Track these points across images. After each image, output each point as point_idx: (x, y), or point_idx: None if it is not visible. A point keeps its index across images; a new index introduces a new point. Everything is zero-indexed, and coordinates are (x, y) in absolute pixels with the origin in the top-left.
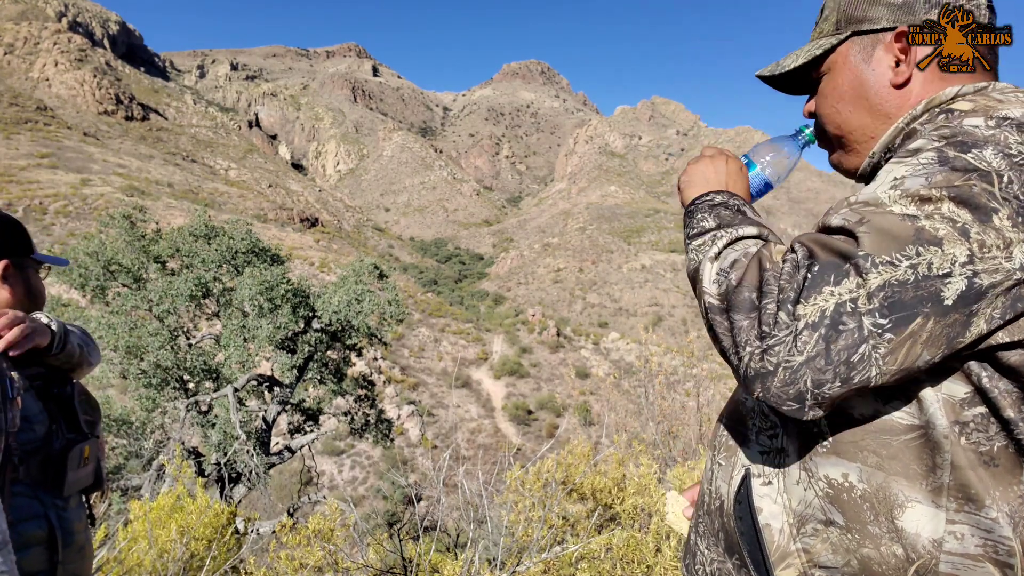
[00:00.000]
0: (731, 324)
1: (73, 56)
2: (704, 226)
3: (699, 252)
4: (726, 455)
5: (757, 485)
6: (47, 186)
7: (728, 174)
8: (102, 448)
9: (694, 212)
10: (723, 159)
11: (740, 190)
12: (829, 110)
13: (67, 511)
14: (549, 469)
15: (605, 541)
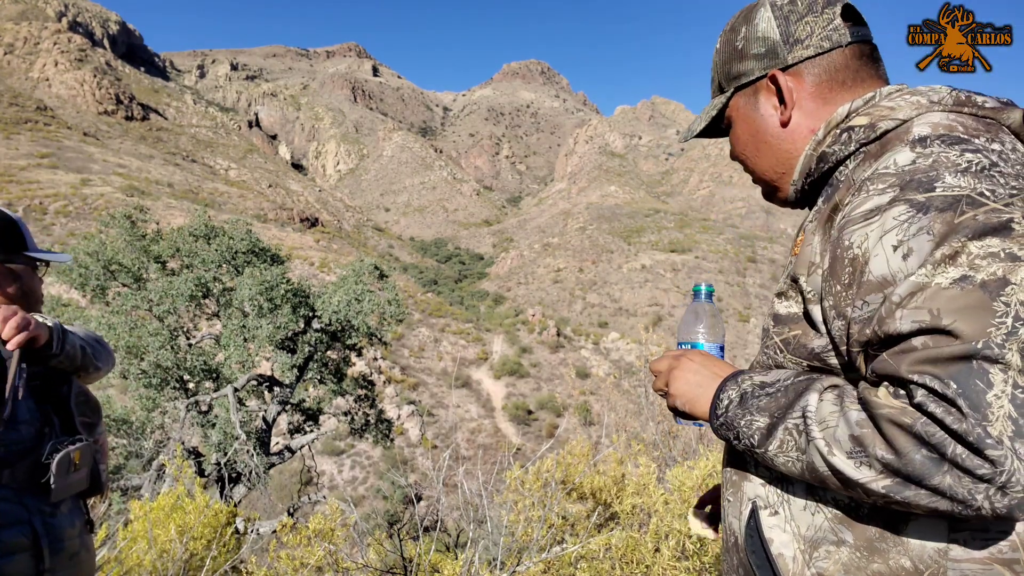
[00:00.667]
0: (935, 488)
1: (73, 56)
2: (760, 425)
3: (795, 452)
4: (733, 491)
5: (765, 516)
6: (47, 186)
7: (702, 365)
8: (104, 451)
9: (732, 422)
10: (682, 359)
11: (724, 367)
12: (741, 155)
13: (56, 517)
14: (549, 469)
15: (604, 541)
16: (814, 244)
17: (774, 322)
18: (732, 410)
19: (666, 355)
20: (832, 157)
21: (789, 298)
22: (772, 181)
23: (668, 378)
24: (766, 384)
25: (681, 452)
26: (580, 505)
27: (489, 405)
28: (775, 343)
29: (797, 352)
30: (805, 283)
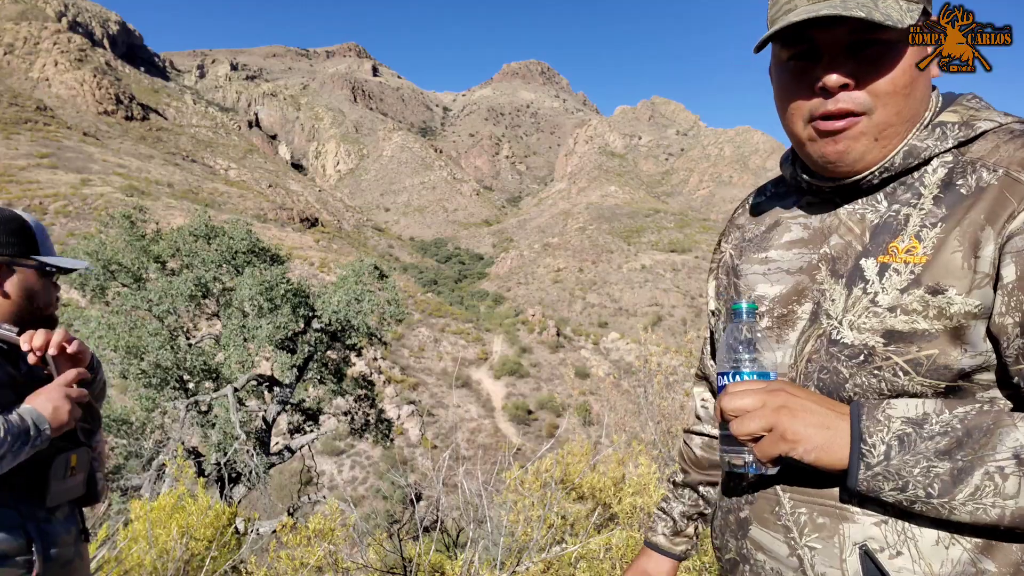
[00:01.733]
0: None
1: (73, 56)
2: (941, 472)
3: (992, 498)
4: (820, 536)
5: (886, 560)
6: (47, 186)
7: (813, 400)
8: (101, 457)
9: (898, 472)
10: (781, 394)
11: (834, 402)
12: (896, 86)
13: (51, 523)
14: (548, 469)
15: (604, 541)
16: (978, 251)
17: (887, 340)
18: (897, 457)
19: (746, 389)
20: (923, 152)
21: (915, 312)
22: (892, 135)
23: (773, 419)
24: (919, 421)
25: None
26: (580, 505)
27: (489, 405)
28: (896, 365)
29: (934, 374)
30: (960, 296)
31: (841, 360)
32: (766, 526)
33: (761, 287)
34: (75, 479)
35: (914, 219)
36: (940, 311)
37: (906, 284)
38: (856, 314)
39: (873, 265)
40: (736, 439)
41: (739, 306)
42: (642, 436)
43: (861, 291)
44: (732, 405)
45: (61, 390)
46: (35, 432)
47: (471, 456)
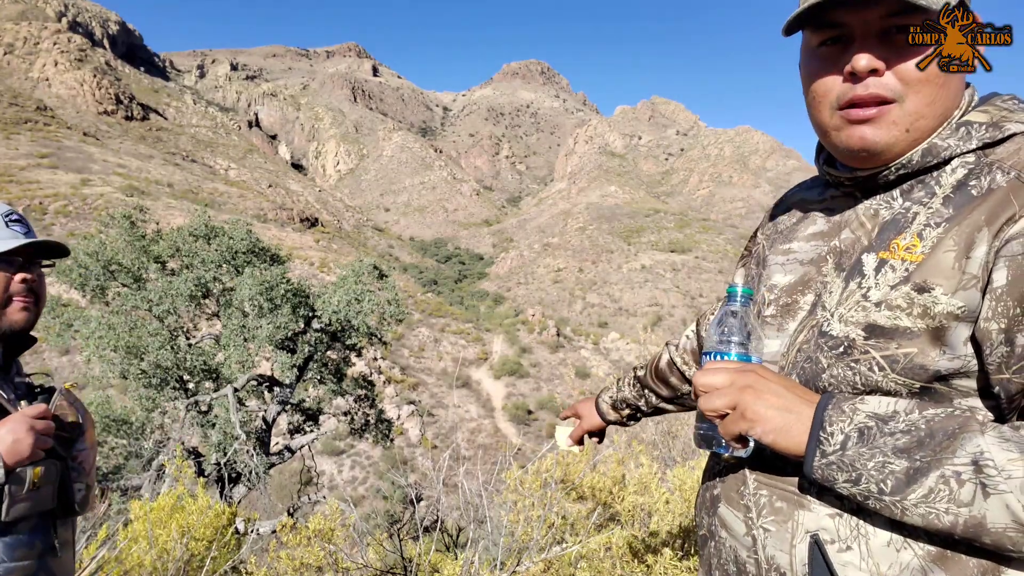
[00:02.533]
0: None
1: (73, 56)
2: (896, 470)
3: (946, 504)
4: (775, 519)
5: (834, 552)
6: (47, 186)
7: (782, 384)
8: (84, 468)
9: (853, 463)
10: (751, 374)
11: (804, 389)
12: (929, 73)
13: (10, 536)
14: (548, 468)
15: (605, 540)
16: (970, 253)
17: (868, 334)
18: (853, 448)
19: (720, 367)
20: (943, 152)
21: (899, 308)
22: (922, 128)
23: (738, 398)
24: (886, 417)
25: (681, 452)
26: (580, 505)
27: (489, 405)
28: (873, 359)
29: (909, 373)
30: (945, 296)
31: (824, 350)
32: (731, 504)
33: (776, 276)
34: (40, 493)
35: (920, 217)
36: (924, 310)
37: (897, 281)
38: (847, 307)
39: (872, 260)
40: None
41: (734, 289)
42: (642, 436)
43: (856, 285)
44: (702, 380)
45: (25, 421)
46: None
47: (471, 456)
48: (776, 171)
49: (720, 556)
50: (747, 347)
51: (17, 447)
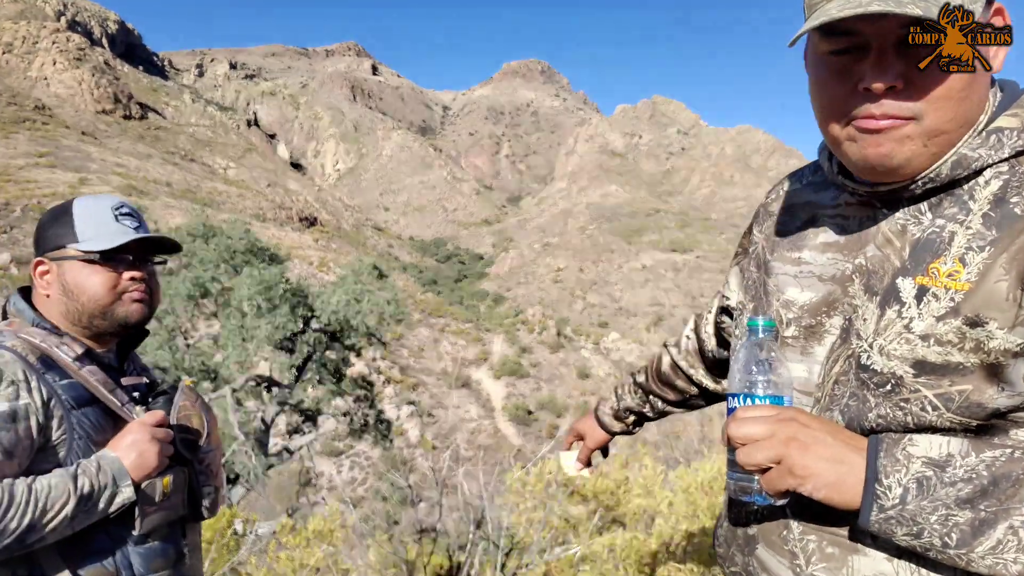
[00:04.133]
0: None
1: (71, 55)
2: (961, 522)
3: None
4: (827, 565)
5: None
6: (45, 185)
7: (827, 432)
8: (212, 471)
9: (914, 517)
10: (794, 424)
11: (850, 434)
12: (951, 90)
13: (144, 546)
14: (551, 470)
15: (608, 542)
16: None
17: (917, 371)
18: (913, 502)
19: (756, 416)
20: (974, 163)
21: (949, 344)
22: (942, 143)
23: (782, 451)
24: (942, 463)
25: (683, 453)
26: (583, 507)
27: (489, 405)
28: (925, 399)
29: (966, 412)
30: (1001, 331)
31: (869, 387)
32: (773, 548)
33: (791, 291)
34: (171, 502)
35: (959, 239)
36: (978, 345)
37: (944, 312)
38: (887, 339)
39: (911, 286)
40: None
41: (755, 323)
42: (645, 437)
43: (896, 314)
44: (740, 432)
45: (147, 431)
46: (110, 491)
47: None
48: (778, 170)
49: None
50: (779, 386)
51: (142, 461)
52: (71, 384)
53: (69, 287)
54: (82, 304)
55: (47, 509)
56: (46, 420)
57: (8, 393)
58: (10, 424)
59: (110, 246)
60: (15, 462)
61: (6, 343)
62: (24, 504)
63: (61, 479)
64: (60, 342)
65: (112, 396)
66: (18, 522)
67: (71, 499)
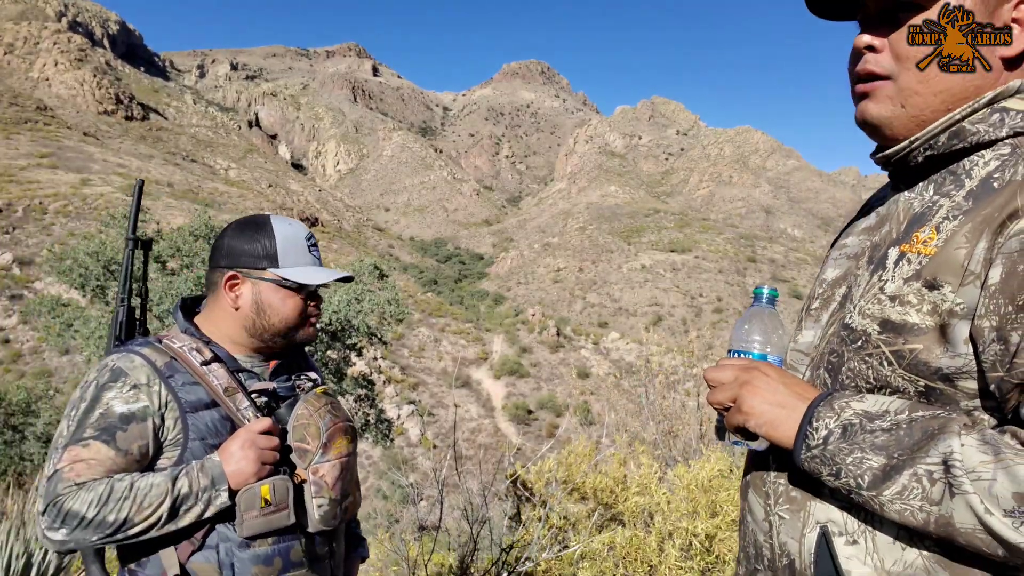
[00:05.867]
0: None
1: (73, 56)
2: (873, 466)
3: (919, 502)
4: (790, 507)
5: (840, 544)
6: (47, 186)
7: (781, 381)
8: (326, 482)
9: (833, 457)
10: (754, 371)
11: (805, 386)
12: (919, 51)
13: (250, 551)
14: (551, 468)
15: (608, 540)
16: (974, 249)
17: (881, 329)
18: (834, 443)
19: (728, 364)
20: (970, 137)
21: (909, 304)
22: (923, 110)
23: (737, 392)
24: (873, 415)
25: (681, 452)
26: (582, 505)
27: (489, 405)
28: (882, 353)
29: (914, 369)
30: (952, 294)
31: (846, 343)
32: (756, 491)
33: (828, 271)
34: (276, 510)
35: (942, 210)
36: (933, 307)
37: (910, 275)
38: (867, 300)
39: (895, 253)
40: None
41: (760, 290)
42: (643, 436)
43: (877, 278)
44: (710, 375)
45: (250, 437)
46: (209, 494)
47: (471, 456)
48: (776, 171)
49: (746, 538)
50: (767, 346)
51: (239, 467)
52: (194, 388)
53: (263, 306)
54: (272, 323)
55: (144, 506)
56: (161, 421)
57: (128, 396)
58: (126, 425)
59: (315, 283)
60: (130, 459)
61: (141, 349)
62: (122, 500)
63: (163, 479)
64: (194, 347)
65: (230, 401)
66: (115, 516)
67: (167, 498)
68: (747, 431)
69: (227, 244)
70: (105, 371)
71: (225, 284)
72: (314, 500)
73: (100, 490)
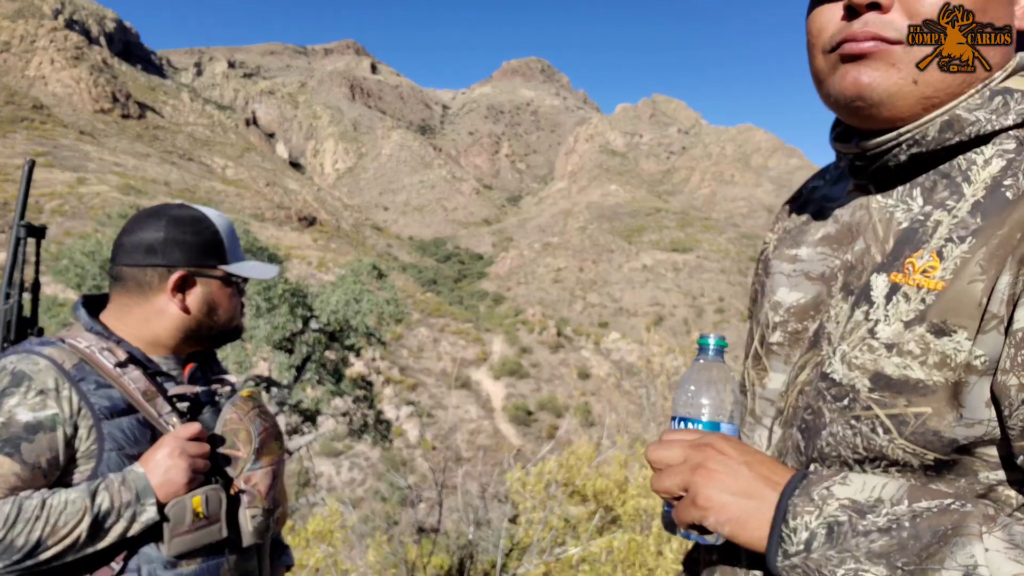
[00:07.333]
0: None
1: (69, 54)
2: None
3: None
4: None
5: None
6: (43, 185)
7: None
8: (259, 492)
9: (818, 569)
10: (709, 450)
11: (773, 465)
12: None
13: (175, 571)
14: (551, 471)
15: (606, 544)
16: (995, 283)
17: (874, 385)
18: (819, 549)
19: (674, 440)
20: (968, 128)
21: (910, 355)
22: (940, 92)
23: (689, 479)
24: (864, 508)
25: None
26: (582, 507)
27: (489, 406)
28: (875, 417)
29: (920, 439)
30: (967, 342)
31: (826, 399)
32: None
33: (781, 291)
34: (208, 524)
35: (942, 228)
36: (943, 359)
37: (912, 316)
38: (851, 344)
39: (883, 284)
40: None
41: (705, 340)
42: (644, 438)
43: (863, 315)
44: (654, 456)
45: (178, 445)
46: (132, 509)
47: (471, 457)
48: (778, 170)
49: None
50: (719, 411)
51: (168, 477)
52: (108, 393)
53: (214, 306)
54: (220, 323)
55: (58, 526)
56: (74, 431)
57: (34, 403)
58: (32, 436)
59: (264, 278)
60: (38, 473)
61: (44, 350)
62: (34, 520)
63: (80, 494)
64: (105, 347)
65: (150, 406)
66: (25, 538)
67: (86, 516)
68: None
69: (165, 239)
70: (3, 375)
71: (171, 285)
72: (247, 511)
73: (6, 510)
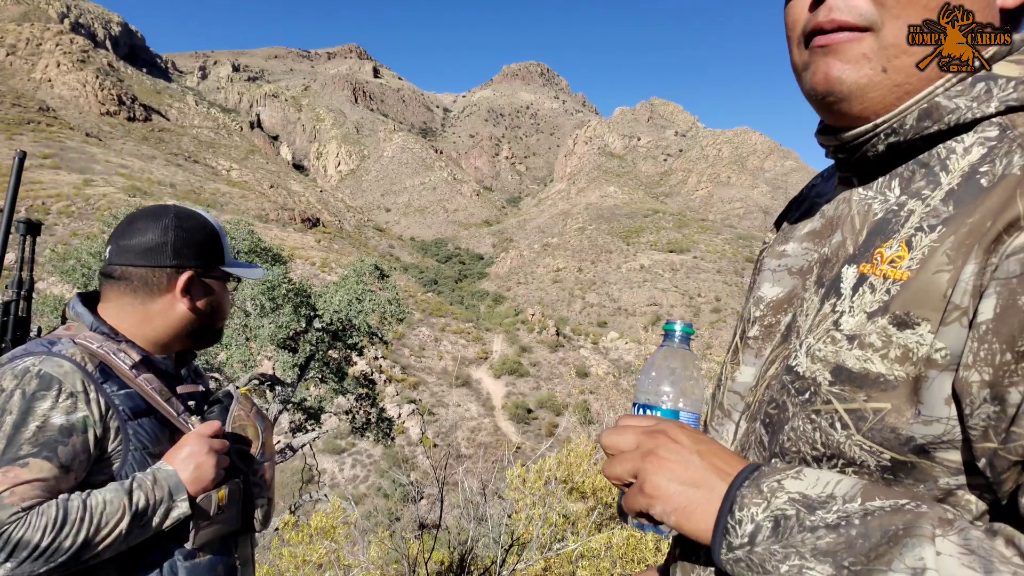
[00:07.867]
0: None
1: (75, 57)
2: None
3: None
4: None
5: None
6: (50, 187)
7: (695, 451)
8: (265, 483)
9: (762, 564)
10: (661, 436)
11: (726, 456)
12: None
13: (196, 561)
14: (551, 468)
15: (605, 539)
16: (960, 273)
17: (834, 378)
18: (763, 544)
19: (628, 426)
20: (947, 116)
21: (871, 347)
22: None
23: (640, 465)
24: (814, 503)
25: None
26: (581, 504)
27: (489, 404)
28: (834, 411)
29: (877, 437)
30: (930, 335)
31: (790, 393)
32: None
33: (765, 287)
34: (226, 515)
35: (915, 218)
36: (905, 353)
37: (875, 307)
38: (816, 336)
39: (852, 275)
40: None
41: (671, 326)
42: None
43: (831, 307)
44: (607, 441)
45: (204, 442)
46: (166, 506)
47: (471, 455)
48: (774, 172)
49: None
50: (680, 398)
51: (199, 474)
52: (128, 394)
53: (216, 306)
54: (212, 321)
55: (101, 526)
56: (103, 432)
57: (66, 406)
58: (67, 438)
59: (254, 278)
60: (71, 476)
61: (65, 351)
62: (79, 521)
63: (116, 494)
64: (118, 348)
65: (168, 405)
66: (72, 540)
67: (126, 515)
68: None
69: (174, 240)
70: (29, 378)
71: (180, 286)
72: (257, 501)
73: (52, 513)
